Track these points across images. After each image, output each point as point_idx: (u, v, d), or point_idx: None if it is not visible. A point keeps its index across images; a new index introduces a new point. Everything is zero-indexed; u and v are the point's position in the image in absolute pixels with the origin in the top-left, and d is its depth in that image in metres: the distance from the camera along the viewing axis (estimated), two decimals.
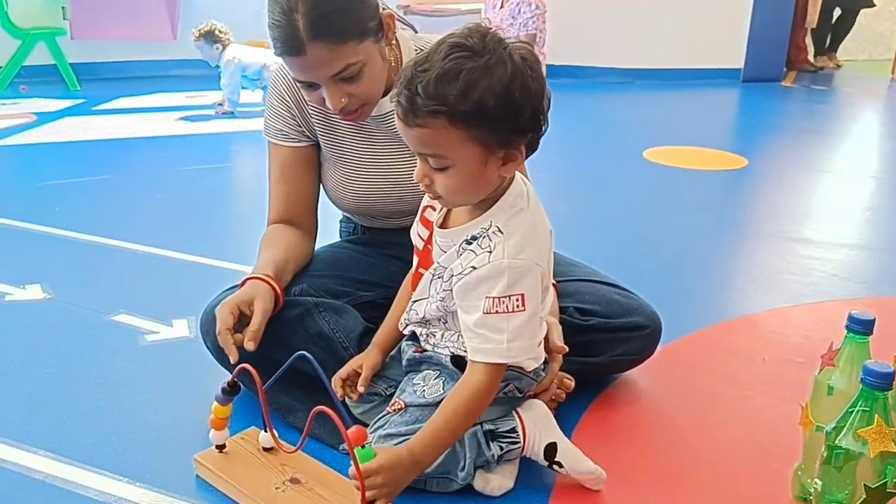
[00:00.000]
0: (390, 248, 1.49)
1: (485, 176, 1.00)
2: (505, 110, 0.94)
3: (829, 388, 1.07)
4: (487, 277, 1.01)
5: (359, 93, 1.20)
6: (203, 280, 1.93)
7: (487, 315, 1.01)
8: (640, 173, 3.25)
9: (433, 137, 0.95)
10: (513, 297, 1.00)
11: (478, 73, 0.92)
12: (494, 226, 1.03)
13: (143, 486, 1.14)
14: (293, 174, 1.40)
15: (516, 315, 1.01)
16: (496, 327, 1.01)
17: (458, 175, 0.98)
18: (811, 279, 2.06)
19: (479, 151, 0.97)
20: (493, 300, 1.00)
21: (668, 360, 1.55)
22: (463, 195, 1.02)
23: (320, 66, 1.15)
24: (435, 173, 0.99)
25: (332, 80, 1.17)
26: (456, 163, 0.97)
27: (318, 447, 1.20)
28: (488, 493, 1.12)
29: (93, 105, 4.45)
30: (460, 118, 0.93)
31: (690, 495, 1.16)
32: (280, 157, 1.40)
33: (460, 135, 0.94)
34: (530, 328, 1.03)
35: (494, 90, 0.93)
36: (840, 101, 5.68)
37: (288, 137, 1.38)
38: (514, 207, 1.04)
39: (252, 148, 3.58)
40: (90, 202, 2.64)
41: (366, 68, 1.18)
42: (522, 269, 1.00)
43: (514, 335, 1.01)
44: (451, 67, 0.93)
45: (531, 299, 1.02)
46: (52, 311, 1.75)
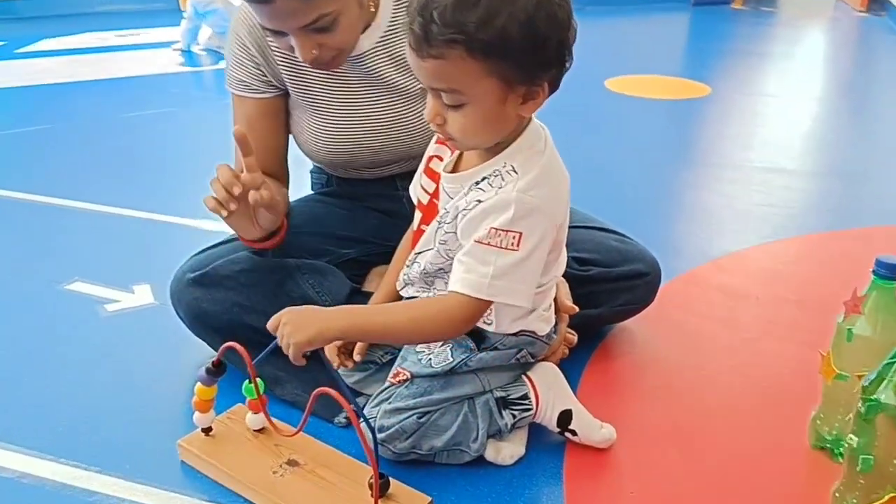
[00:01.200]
0: (370, 200, 1.39)
1: (503, 115, 0.89)
2: (529, 41, 0.83)
3: (849, 333, 1.02)
4: (492, 209, 0.91)
5: (333, 43, 1.07)
6: (163, 240, 1.80)
7: (478, 244, 0.91)
8: (603, 105, 3.16)
9: (449, 70, 0.85)
10: (510, 234, 0.90)
11: (499, 1, 0.82)
12: (509, 165, 0.93)
13: (121, 476, 1.04)
14: (260, 127, 1.27)
15: (508, 253, 0.91)
16: (483, 259, 0.91)
17: (475, 113, 0.88)
18: (792, 211, 2.03)
19: (498, 87, 0.86)
20: (489, 230, 0.91)
21: (663, 305, 1.48)
22: (478, 136, 0.92)
23: (290, 16, 1.01)
24: (448, 111, 0.89)
25: (303, 30, 1.04)
26: (472, 99, 0.87)
27: (311, 421, 1.10)
28: (500, 462, 1.06)
29: (15, 48, 4.13)
30: (480, 48, 0.83)
31: (703, 449, 1.12)
32: (244, 110, 1.27)
33: (479, 67, 0.84)
34: (520, 272, 0.93)
35: (518, 18, 0.82)
36: (789, 23, 5.65)
37: (251, 88, 1.24)
38: (532, 149, 0.94)
39: (195, 90, 3.38)
40: (28, 156, 2.43)
41: (341, 17, 1.05)
42: (529, 206, 0.90)
43: (499, 272, 0.91)
44: None
45: (528, 241, 0.91)
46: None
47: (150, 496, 1.01)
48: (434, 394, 1.02)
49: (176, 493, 1.01)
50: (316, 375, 1.05)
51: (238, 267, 1.20)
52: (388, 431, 1.01)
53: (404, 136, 1.26)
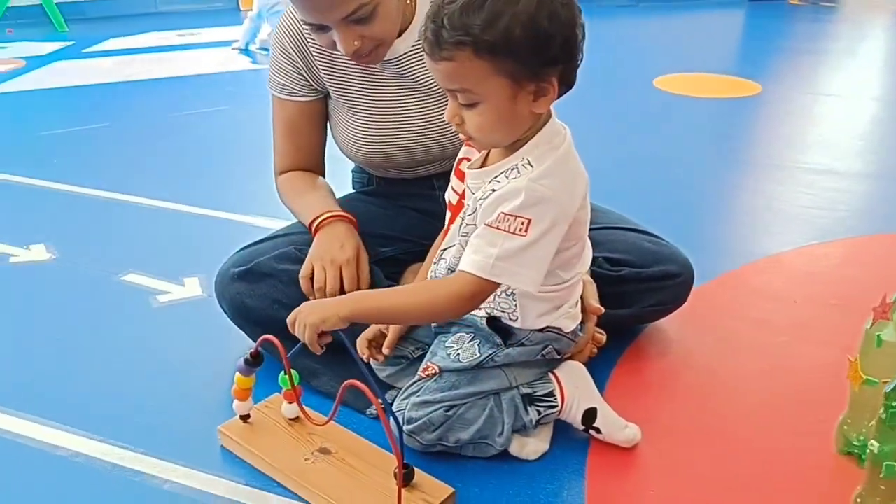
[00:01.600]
0: (408, 200, 1.43)
1: (516, 112, 0.93)
2: (533, 39, 0.88)
3: (878, 340, 1.02)
4: (505, 195, 0.95)
5: (372, 34, 1.12)
6: (212, 234, 1.88)
7: (488, 227, 0.95)
8: (651, 103, 3.15)
9: (459, 71, 0.90)
10: (518, 219, 0.94)
11: (503, 2, 0.87)
12: (525, 159, 0.96)
13: (166, 459, 1.10)
14: (299, 129, 1.35)
15: (515, 237, 0.94)
16: (491, 241, 0.95)
17: (488, 111, 0.92)
18: (838, 214, 2.00)
19: (507, 85, 0.90)
20: (500, 215, 0.95)
21: (699, 306, 1.49)
22: (495, 133, 0.96)
23: (331, 6, 1.07)
24: (465, 111, 0.94)
25: (344, 21, 1.09)
26: (484, 98, 0.91)
27: (344, 412, 1.16)
28: (524, 457, 1.09)
29: (83, 47, 4.31)
30: (486, 48, 0.88)
31: (729, 452, 1.13)
32: (286, 113, 1.34)
33: (487, 67, 0.89)
34: (526, 256, 0.95)
35: (520, 18, 0.87)
36: (849, 19, 5.49)
37: (292, 92, 1.31)
38: (549, 144, 0.97)
39: (250, 88, 3.47)
40: (89, 152, 2.55)
41: (380, 8, 1.10)
42: (539, 194, 0.94)
43: (504, 254, 0.94)
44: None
45: (536, 227, 0.94)
46: (58, 272, 1.70)
47: (191, 478, 1.07)
48: (461, 388, 1.06)
49: (215, 476, 1.07)
50: (349, 368, 1.09)
51: (280, 265, 1.25)
52: (416, 423, 1.05)
53: (439, 136, 1.29)
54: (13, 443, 1.15)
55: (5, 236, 1.85)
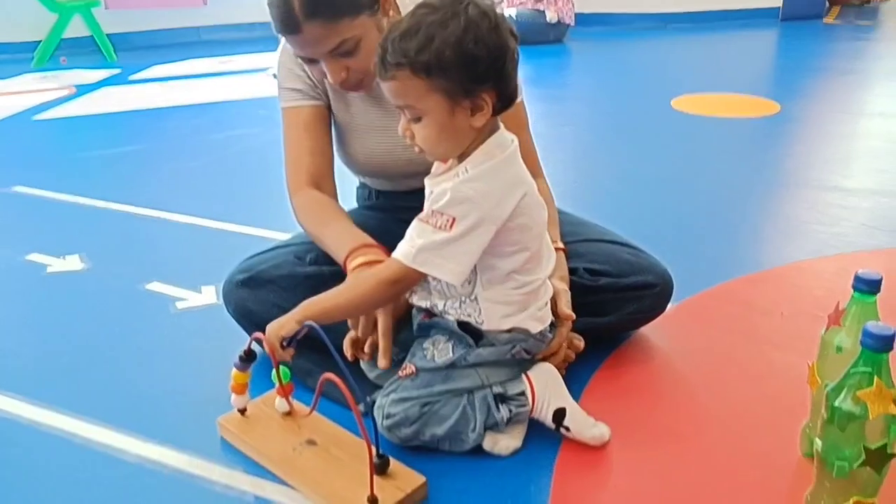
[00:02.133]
0: (405, 213, 1.49)
1: (455, 125, 1.04)
2: (462, 60, 1.00)
3: (839, 348, 1.07)
4: (437, 195, 1.07)
5: (357, 66, 1.22)
6: (229, 246, 1.99)
7: (419, 221, 1.08)
8: (666, 124, 3.20)
9: (401, 88, 1.03)
10: (444, 216, 1.05)
11: (434, 27, 0.99)
12: (465, 167, 1.07)
13: (173, 447, 1.21)
14: (315, 132, 1.40)
15: (440, 232, 1.05)
16: (419, 233, 1.07)
17: (431, 125, 1.04)
18: (839, 229, 2.03)
19: (444, 100, 1.02)
20: (430, 211, 1.07)
21: (686, 316, 1.56)
22: (440, 145, 1.07)
23: (317, 42, 1.18)
24: (412, 125, 1.06)
25: (330, 55, 1.20)
26: (425, 112, 1.03)
27: (335, 409, 1.24)
28: (497, 452, 1.16)
29: (129, 74, 4.54)
30: (421, 68, 1.00)
31: (696, 453, 1.18)
32: (299, 117, 1.40)
33: (423, 84, 1.01)
34: (448, 250, 1.05)
35: (449, 41, 0.99)
36: (886, 37, 5.45)
37: (305, 95, 1.39)
38: (487, 155, 1.07)
39: (279, 113, 3.61)
40: (126, 172, 2.72)
41: (362, 42, 1.20)
42: (463, 195, 1.04)
43: (427, 246, 1.05)
44: (414, 23, 1.01)
45: (460, 225, 1.04)
46: (89, 280, 1.84)
47: (193, 465, 1.17)
48: (436, 386, 1.14)
49: (214, 464, 1.17)
50: (340, 370, 1.18)
51: (279, 272, 1.36)
52: (394, 418, 1.13)
53: None
54: (37, 430, 1.27)
55: (44, 247, 2.00)
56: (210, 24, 5.61)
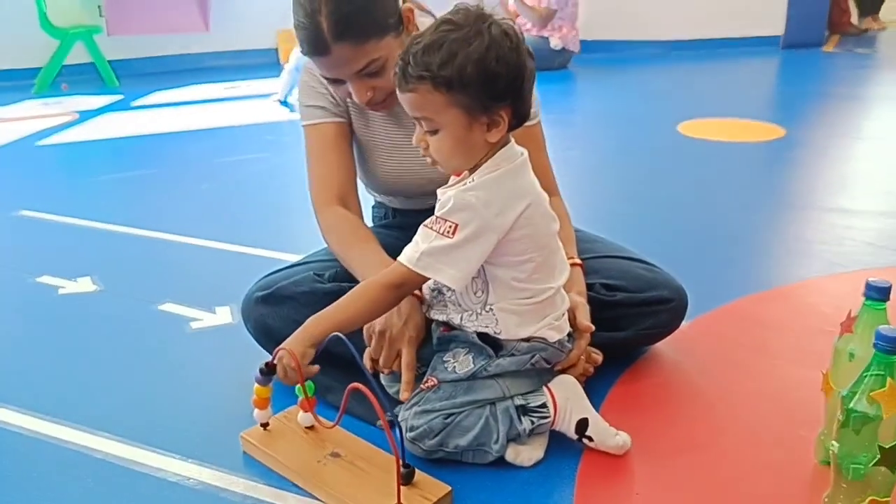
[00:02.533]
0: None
1: (471, 140, 1.08)
2: (482, 77, 1.03)
3: (851, 355, 1.09)
4: (442, 203, 1.10)
5: (383, 86, 1.26)
6: (243, 268, 2.00)
7: (423, 227, 1.11)
8: (673, 148, 3.23)
9: (420, 101, 1.06)
10: (448, 222, 1.07)
11: (458, 44, 1.02)
12: (472, 177, 1.10)
13: (195, 462, 1.22)
14: (338, 148, 1.41)
15: (442, 238, 1.07)
16: (424, 238, 1.10)
17: (446, 138, 1.07)
18: (845, 248, 2.05)
19: (462, 115, 1.05)
20: (434, 217, 1.10)
21: (699, 333, 1.57)
22: (453, 158, 1.10)
23: (345, 63, 1.21)
24: (428, 136, 1.09)
25: (357, 75, 1.23)
26: (443, 125, 1.06)
27: (357, 424, 1.26)
28: (519, 463, 1.17)
29: (132, 100, 4.57)
30: (442, 83, 1.03)
31: (715, 462, 1.19)
32: (322, 134, 1.41)
33: (443, 98, 1.04)
34: (450, 256, 1.08)
35: (472, 58, 1.02)
36: (885, 65, 5.54)
37: (329, 112, 1.40)
38: (494, 166, 1.10)
39: (287, 137, 3.66)
40: (134, 196, 2.74)
41: (388, 63, 1.23)
42: (465, 202, 1.07)
43: (430, 251, 1.08)
44: (437, 39, 1.04)
45: (462, 232, 1.07)
46: (103, 302, 1.84)
47: (217, 478, 1.18)
48: (458, 397, 1.15)
49: (237, 477, 1.18)
50: (366, 381, 1.19)
51: (299, 289, 1.37)
52: (418, 430, 1.14)
53: None
54: (60, 447, 1.27)
55: (55, 270, 2.01)
56: (213, 51, 5.65)
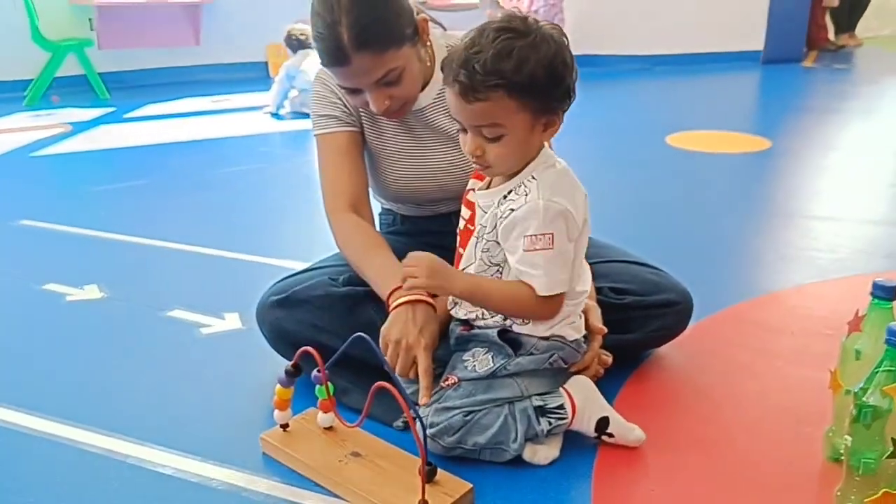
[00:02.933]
0: (428, 236, 1.56)
1: (530, 141, 1.12)
2: (551, 80, 1.07)
3: (857, 353, 1.13)
4: (524, 217, 1.11)
5: (400, 94, 1.29)
6: (248, 275, 2.03)
7: (526, 253, 1.12)
8: (663, 158, 3.30)
9: (492, 109, 1.07)
10: (546, 236, 1.11)
11: (527, 50, 1.05)
12: (529, 174, 1.14)
13: (216, 463, 1.23)
14: (350, 156, 1.43)
15: (546, 252, 1.11)
16: (533, 263, 1.12)
17: (511, 142, 1.10)
18: (837, 255, 2.11)
19: (528, 118, 1.09)
20: (529, 238, 1.11)
21: (701, 336, 1.61)
22: (512, 161, 1.13)
23: (365, 73, 1.24)
24: (488, 143, 1.10)
25: (376, 85, 1.26)
26: (510, 130, 1.09)
27: (374, 425, 1.28)
28: (535, 462, 1.20)
29: (124, 113, 4.58)
30: (516, 89, 1.06)
31: (726, 460, 1.23)
32: (335, 144, 1.42)
33: (515, 104, 1.07)
34: (558, 264, 1.13)
35: (543, 63, 1.06)
36: (861, 80, 5.67)
37: (341, 122, 1.42)
38: (546, 163, 1.15)
39: (281, 149, 3.68)
40: (133, 205, 2.74)
41: (405, 72, 1.27)
42: (555, 210, 1.11)
43: (548, 271, 1.12)
44: (504, 46, 1.05)
45: (559, 240, 1.12)
46: (110, 308, 1.85)
47: (237, 478, 1.20)
48: (478, 395, 1.18)
49: (257, 477, 1.20)
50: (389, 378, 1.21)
51: (314, 292, 1.39)
52: (438, 427, 1.17)
53: (458, 175, 1.44)
54: (79, 450, 1.28)
55: (60, 278, 2.01)
56: (203, 64, 5.67)
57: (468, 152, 1.13)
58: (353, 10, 1.20)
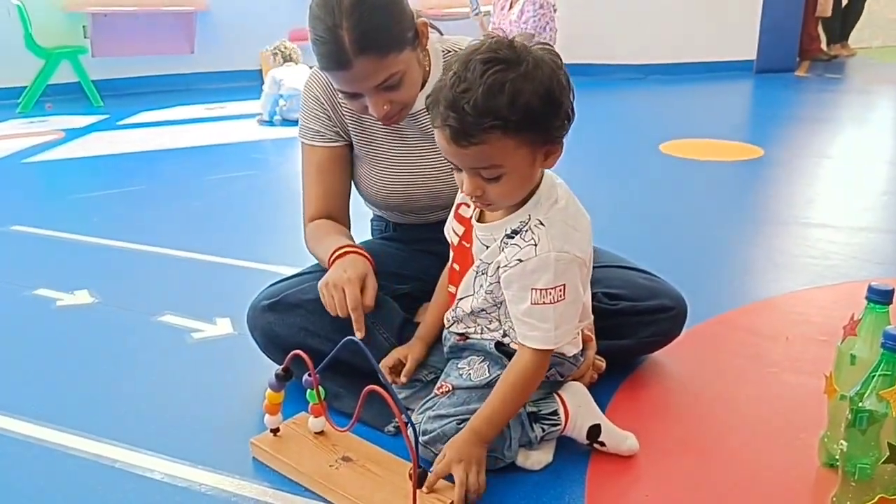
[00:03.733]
0: (422, 244, 1.55)
1: (532, 175, 1.07)
2: (549, 108, 1.00)
3: (853, 358, 1.12)
4: (534, 270, 1.07)
5: (399, 99, 1.28)
6: (239, 280, 2.01)
7: (535, 306, 1.08)
8: (657, 166, 3.30)
9: (489, 152, 1.00)
10: (557, 289, 1.06)
11: (520, 81, 0.97)
12: (535, 219, 1.08)
13: (205, 468, 1.22)
14: (329, 173, 1.46)
15: (560, 304, 1.07)
16: (543, 316, 1.08)
17: (512, 180, 1.04)
18: (831, 262, 2.11)
19: (528, 153, 1.03)
20: (539, 291, 1.06)
21: (695, 342, 1.60)
22: (513, 197, 1.08)
23: (365, 78, 1.22)
24: (487, 184, 1.04)
25: (376, 89, 1.24)
26: (510, 170, 1.02)
27: (365, 430, 1.26)
28: (528, 467, 1.19)
29: (117, 120, 4.57)
30: (514, 127, 0.98)
31: (720, 465, 1.22)
32: (316, 158, 1.46)
33: (513, 142, 1.00)
34: (570, 313, 1.10)
35: (538, 92, 0.99)
36: (854, 89, 5.70)
37: (324, 138, 1.44)
38: (550, 199, 1.10)
39: (273, 156, 3.68)
40: (125, 211, 2.73)
41: (405, 76, 1.25)
42: (566, 261, 1.07)
43: (558, 322, 1.08)
44: (494, 81, 0.97)
45: (571, 289, 1.08)
46: (101, 314, 1.84)
47: (227, 483, 1.18)
48: (472, 404, 1.16)
49: (247, 482, 1.18)
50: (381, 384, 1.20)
51: (306, 296, 1.38)
52: (431, 434, 1.15)
53: (450, 184, 1.43)
54: (69, 455, 1.27)
55: (50, 283, 2.00)
56: (196, 72, 5.67)
57: (467, 194, 1.07)
58: (355, 13, 1.17)
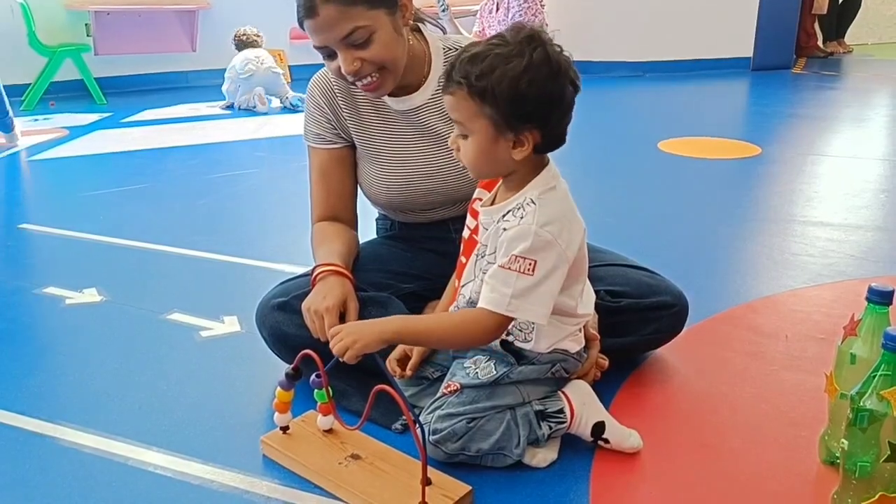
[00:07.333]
0: (426, 242, 1.58)
1: (495, 153, 1.12)
2: (511, 95, 1.07)
3: (853, 357, 1.14)
4: (514, 238, 1.11)
5: (370, 57, 1.29)
6: (247, 279, 2.04)
7: (501, 268, 1.11)
8: (656, 164, 3.33)
9: (455, 104, 1.11)
10: (527, 260, 1.10)
11: (499, 59, 1.07)
12: (528, 198, 1.13)
13: (217, 465, 1.24)
14: (332, 174, 1.51)
15: (524, 277, 1.10)
16: (505, 281, 1.11)
17: (474, 144, 1.12)
18: (829, 260, 2.13)
19: (489, 127, 1.10)
20: (512, 256, 1.11)
21: (696, 340, 1.63)
22: (478, 165, 1.15)
23: (330, 27, 1.26)
24: (459, 140, 1.14)
25: (343, 43, 1.28)
26: (472, 132, 1.11)
27: (374, 428, 1.29)
28: (534, 464, 1.21)
29: (120, 118, 4.59)
30: (476, 92, 1.08)
31: (722, 462, 1.24)
32: (319, 160, 1.51)
33: (474, 107, 1.09)
34: (534, 294, 1.11)
35: (507, 76, 1.07)
36: (850, 86, 5.72)
37: (325, 140, 1.48)
38: (547, 185, 1.15)
39: (276, 154, 3.69)
40: (132, 209, 2.75)
41: (375, 35, 1.28)
42: (544, 239, 1.10)
43: (517, 293, 1.10)
44: (482, 51, 1.09)
45: (540, 268, 1.10)
46: (110, 312, 1.86)
47: (238, 480, 1.21)
48: (481, 402, 1.19)
49: (257, 479, 1.21)
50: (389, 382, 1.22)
51: None
52: (441, 433, 1.17)
53: (452, 180, 1.46)
54: (80, 453, 1.29)
55: (58, 281, 2.02)
56: (199, 70, 5.69)
57: (449, 144, 1.17)
58: None
